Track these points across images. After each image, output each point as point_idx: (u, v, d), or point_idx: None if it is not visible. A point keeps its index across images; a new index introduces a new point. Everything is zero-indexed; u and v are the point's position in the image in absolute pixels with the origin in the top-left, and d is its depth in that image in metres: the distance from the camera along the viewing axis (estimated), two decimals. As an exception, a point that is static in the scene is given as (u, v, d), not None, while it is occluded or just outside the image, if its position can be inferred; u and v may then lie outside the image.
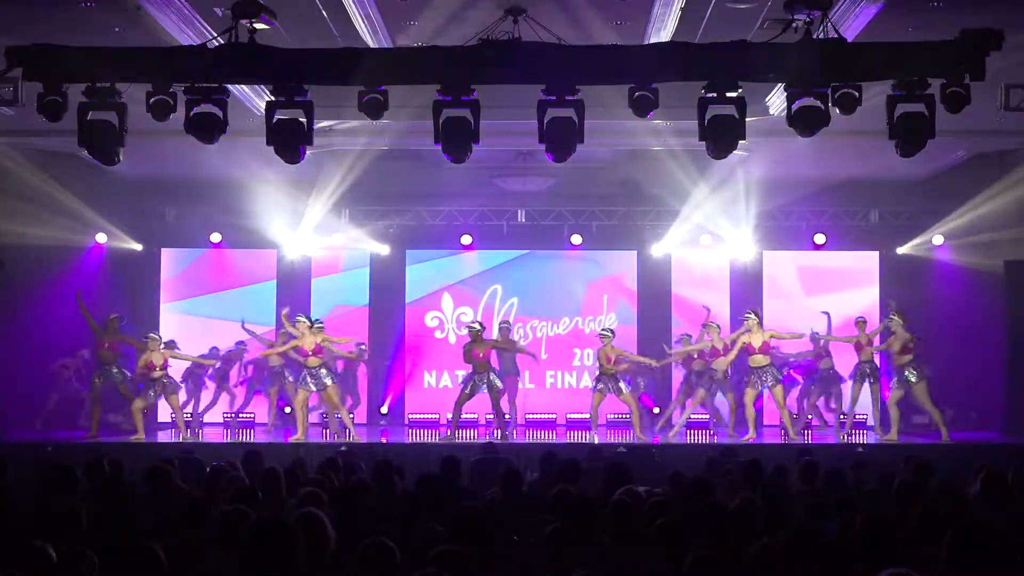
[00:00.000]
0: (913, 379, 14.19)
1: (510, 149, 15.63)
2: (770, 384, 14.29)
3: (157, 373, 14.36)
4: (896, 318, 14.48)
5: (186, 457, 9.96)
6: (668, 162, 14.87)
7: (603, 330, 15.07)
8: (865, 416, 15.84)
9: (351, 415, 15.07)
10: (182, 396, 15.21)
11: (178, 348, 15.43)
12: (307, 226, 16.84)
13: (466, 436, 14.61)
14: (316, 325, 14.42)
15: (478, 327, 14.34)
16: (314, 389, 14.22)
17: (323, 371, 14.25)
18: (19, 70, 9.39)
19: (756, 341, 14.26)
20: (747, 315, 14.59)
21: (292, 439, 13.88)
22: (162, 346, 14.71)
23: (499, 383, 14.28)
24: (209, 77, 9.29)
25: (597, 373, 14.82)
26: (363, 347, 16.77)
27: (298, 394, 14.37)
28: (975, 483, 7.50)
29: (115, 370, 14.63)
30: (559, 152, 9.53)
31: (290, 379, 15.34)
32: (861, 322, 15.04)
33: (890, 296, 16.13)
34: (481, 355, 14.17)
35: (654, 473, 9.55)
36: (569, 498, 6.19)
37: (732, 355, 14.60)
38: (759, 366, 14.28)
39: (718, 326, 15.29)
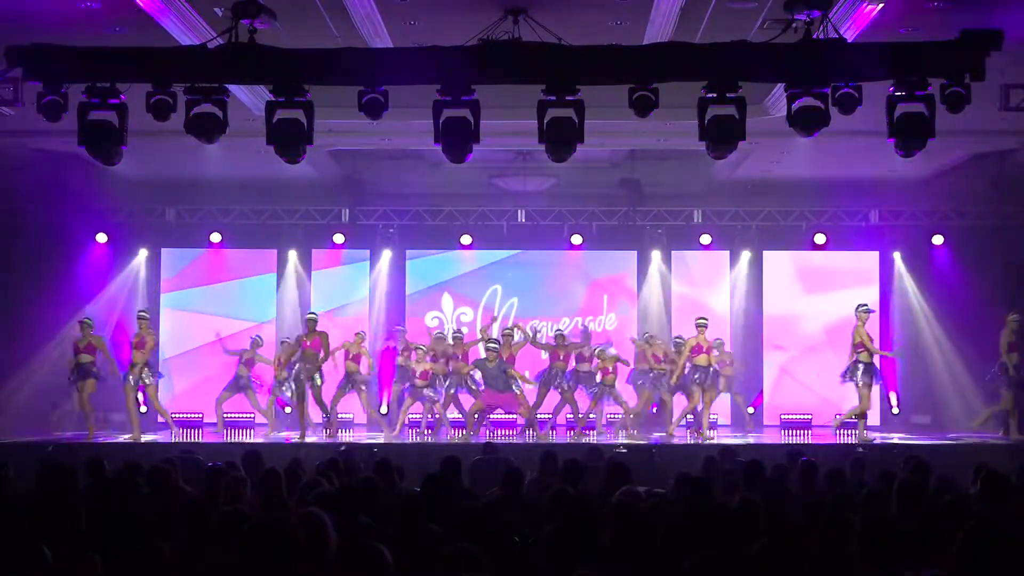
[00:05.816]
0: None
1: (510, 149, 15.63)
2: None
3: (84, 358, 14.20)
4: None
5: (186, 457, 9.96)
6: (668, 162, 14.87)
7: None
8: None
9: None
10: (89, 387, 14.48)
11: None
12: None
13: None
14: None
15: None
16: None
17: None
18: (19, 70, 9.39)
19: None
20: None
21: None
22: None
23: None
24: (209, 77, 9.29)
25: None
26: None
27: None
28: (975, 483, 7.50)
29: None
30: (559, 152, 9.52)
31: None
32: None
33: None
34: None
35: (654, 473, 9.55)
36: (569, 498, 6.19)
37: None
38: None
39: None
